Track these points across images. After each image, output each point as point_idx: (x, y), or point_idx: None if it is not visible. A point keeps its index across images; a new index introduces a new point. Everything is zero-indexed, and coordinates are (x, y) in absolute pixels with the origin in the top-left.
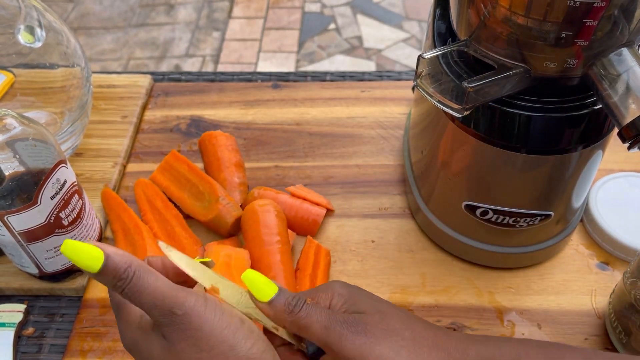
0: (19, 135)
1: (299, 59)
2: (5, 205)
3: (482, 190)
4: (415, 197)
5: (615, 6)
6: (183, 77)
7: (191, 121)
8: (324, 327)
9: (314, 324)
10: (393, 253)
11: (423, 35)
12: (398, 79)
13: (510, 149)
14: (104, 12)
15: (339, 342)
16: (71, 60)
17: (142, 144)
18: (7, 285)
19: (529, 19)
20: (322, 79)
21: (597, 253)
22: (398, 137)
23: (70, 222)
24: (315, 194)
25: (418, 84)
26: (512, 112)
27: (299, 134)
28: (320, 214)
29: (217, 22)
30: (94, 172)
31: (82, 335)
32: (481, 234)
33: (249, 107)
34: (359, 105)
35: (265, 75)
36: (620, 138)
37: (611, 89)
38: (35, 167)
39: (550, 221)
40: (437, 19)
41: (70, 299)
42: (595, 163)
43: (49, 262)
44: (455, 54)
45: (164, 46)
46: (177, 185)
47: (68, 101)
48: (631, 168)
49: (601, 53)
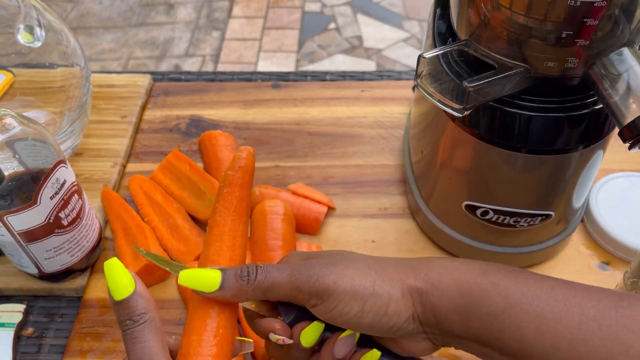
0: (18, 135)
1: (299, 58)
2: (5, 205)
3: (482, 190)
4: (416, 197)
5: (616, 6)
6: (183, 77)
7: (191, 121)
8: (288, 276)
9: (277, 279)
10: (393, 253)
11: (423, 35)
12: (398, 79)
13: (511, 148)
14: (103, 12)
15: (309, 280)
16: (71, 60)
17: (142, 144)
18: (7, 286)
19: (530, 18)
20: (322, 79)
21: (598, 253)
22: (398, 137)
23: (70, 222)
24: (316, 192)
25: (418, 83)
26: (513, 111)
27: (299, 133)
28: (321, 212)
29: (217, 21)
30: (93, 172)
31: (82, 335)
32: (481, 234)
33: (248, 107)
34: (359, 105)
35: (265, 75)
36: (620, 138)
37: (612, 89)
38: (35, 167)
39: (551, 221)
40: (438, 18)
41: (70, 299)
42: (595, 163)
43: (48, 262)
44: (455, 53)
45: (163, 46)
46: (178, 184)
47: (67, 101)
48: (631, 168)
49: (602, 53)
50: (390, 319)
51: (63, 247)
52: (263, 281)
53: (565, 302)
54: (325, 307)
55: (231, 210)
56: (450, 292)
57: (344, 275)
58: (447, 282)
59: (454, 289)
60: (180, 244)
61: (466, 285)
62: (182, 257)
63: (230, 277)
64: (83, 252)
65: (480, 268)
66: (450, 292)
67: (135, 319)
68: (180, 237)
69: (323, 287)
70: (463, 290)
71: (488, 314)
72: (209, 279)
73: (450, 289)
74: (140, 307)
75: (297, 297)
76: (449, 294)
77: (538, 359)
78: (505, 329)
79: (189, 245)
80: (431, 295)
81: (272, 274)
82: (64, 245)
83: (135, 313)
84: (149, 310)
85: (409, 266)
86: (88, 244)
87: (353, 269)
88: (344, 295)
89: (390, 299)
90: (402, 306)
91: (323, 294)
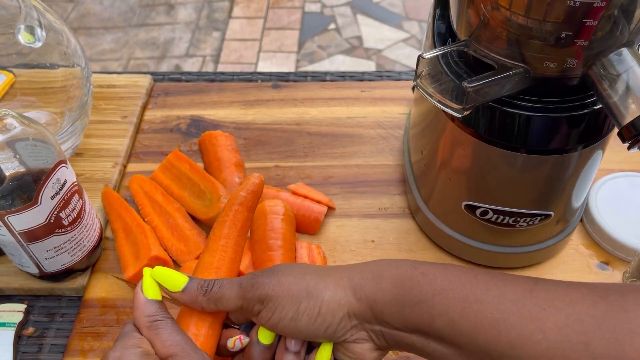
0: (19, 135)
1: (299, 59)
2: (6, 205)
3: (482, 190)
4: (415, 197)
5: (615, 6)
6: (183, 77)
7: (191, 121)
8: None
9: (227, 290)
10: (393, 253)
11: (423, 35)
12: (398, 79)
13: (510, 148)
14: (104, 12)
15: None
16: (71, 60)
17: (142, 144)
18: (7, 285)
19: (529, 19)
20: (322, 79)
21: (597, 253)
22: (398, 137)
23: (71, 222)
24: (316, 191)
25: (418, 84)
26: (512, 112)
27: (299, 134)
28: (321, 211)
29: (217, 22)
30: (94, 172)
31: (82, 335)
32: (481, 234)
33: (249, 107)
34: (359, 105)
35: (265, 75)
36: (620, 138)
37: (611, 89)
38: (36, 167)
39: (550, 221)
40: (437, 19)
41: (70, 298)
42: (595, 163)
43: (49, 262)
44: (455, 54)
45: (164, 46)
46: (178, 184)
47: (68, 101)
48: (631, 168)
49: (601, 53)
50: (324, 319)
51: (64, 247)
52: (216, 292)
53: (485, 286)
54: (267, 313)
55: (238, 227)
56: (384, 284)
57: (281, 282)
58: (381, 276)
59: (388, 281)
60: (181, 243)
61: (399, 277)
62: (182, 256)
63: (194, 286)
64: (84, 252)
65: (413, 262)
66: (384, 284)
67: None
68: (181, 236)
69: (263, 293)
70: (396, 282)
71: (419, 301)
72: (176, 282)
73: (384, 281)
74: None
75: (242, 305)
76: (383, 286)
77: (466, 340)
78: (435, 314)
79: (189, 245)
80: (366, 289)
81: (225, 286)
82: (64, 245)
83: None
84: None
85: (346, 268)
86: (89, 244)
87: (291, 276)
88: (281, 298)
89: (323, 299)
90: (335, 305)
91: (264, 299)
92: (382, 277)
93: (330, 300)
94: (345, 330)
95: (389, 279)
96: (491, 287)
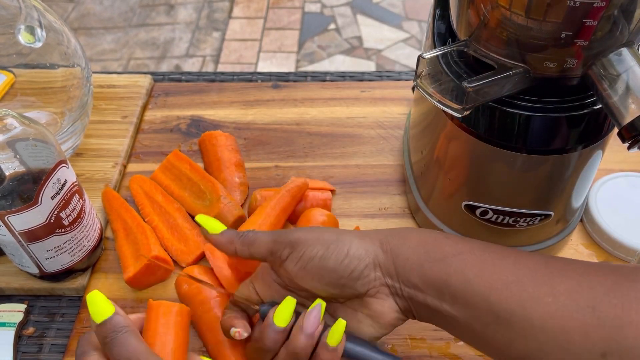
0: (19, 135)
1: (299, 59)
2: (6, 205)
3: (481, 190)
4: (415, 197)
5: (615, 6)
6: (183, 77)
7: (191, 121)
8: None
9: (261, 236)
10: None
11: (423, 35)
12: (398, 79)
13: (510, 148)
14: (104, 13)
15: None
16: (71, 60)
17: (143, 144)
18: (8, 285)
19: (529, 19)
20: (322, 79)
21: (597, 253)
22: (398, 137)
23: (71, 222)
24: (315, 180)
25: (418, 84)
26: (512, 112)
27: (299, 134)
28: (327, 197)
29: (217, 22)
30: (94, 172)
31: (83, 335)
32: (481, 234)
33: (249, 107)
34: (359, 105)
35: (265, 75)
36: (620, 138)
37: (611, 89)
38: (36, 167)
39: (550, 221)
40: (437, 19)
41: (70, 298)
42: (595, 163)
43: (49, 262)
44: (455, 54)
45: (164, 46)
46: (178, 184)
47: (68, 101)
48: (631, 168)
49: (601, 53)
50: (351, 261)
51: (64, 247)
52: (250, 236)
53: (503, 253)
54: (296, 254)
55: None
56: (410, 242)
57: (312, 230)
58: (408, 236)
59: (414, 240)
60: (181, 243)
61: (424, 238)
62: (182, 256)
63: (231, 232)
64: (84, 252)
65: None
66: (409, 242)
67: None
68: (181, 236)
69: (295, 237)
70: (420, 241)
71: (439, 259)
72: (217, 225)
73: (409, 240)
74: (122, 322)
75: (273, 249)
76: (409, 244)
77: (478, 300)
78: (452, 272)
79: (189, 245)
80: (392, 243)
81: (258, 233)
82: (64, 245)
83: (118, 327)
84: (130, 324)
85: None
86: (89, 244)
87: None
88: (311, 241)
89: (352, 243)
90: (363, 250)
91: (295, 243)
92: (408, 237)
93: (358, 246)
94: (369, 279)
95: (415, 239)
96: (509, 255)
